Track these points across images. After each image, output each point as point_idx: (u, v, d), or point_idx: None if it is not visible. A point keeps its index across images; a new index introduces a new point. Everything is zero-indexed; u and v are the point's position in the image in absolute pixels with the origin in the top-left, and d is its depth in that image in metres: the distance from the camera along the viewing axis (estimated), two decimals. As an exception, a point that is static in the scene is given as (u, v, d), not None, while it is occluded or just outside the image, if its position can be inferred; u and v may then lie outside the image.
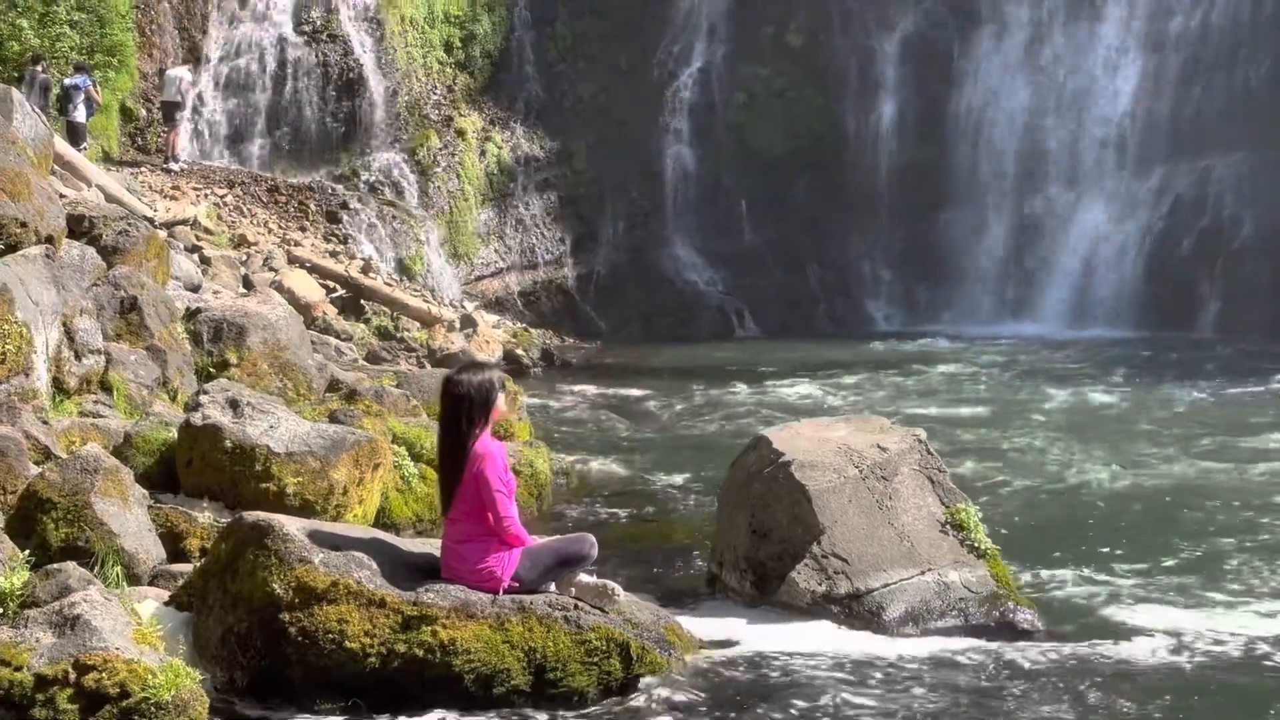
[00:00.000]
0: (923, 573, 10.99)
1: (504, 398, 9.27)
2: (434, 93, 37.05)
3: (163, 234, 20.48)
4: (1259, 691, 9.76)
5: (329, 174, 34.75)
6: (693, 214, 39.77)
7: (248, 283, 25.91)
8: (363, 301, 28.70)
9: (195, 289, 20.37)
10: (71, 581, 8.52)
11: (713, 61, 40.61)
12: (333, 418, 13.63)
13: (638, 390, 26.44)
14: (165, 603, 9.42)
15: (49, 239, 13.09)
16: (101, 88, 30.42)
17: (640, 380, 27.88)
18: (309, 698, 8.62)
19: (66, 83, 29.05)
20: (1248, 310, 35.07)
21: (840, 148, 40.23)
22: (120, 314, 14.17)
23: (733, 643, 10.34)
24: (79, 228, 14.91)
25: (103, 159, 30.52)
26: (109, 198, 22.70)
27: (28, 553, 9.19)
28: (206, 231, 28.51)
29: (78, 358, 12.94)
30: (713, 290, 38.94)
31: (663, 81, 40.35)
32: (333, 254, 30.62)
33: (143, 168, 31.53)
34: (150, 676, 7.67)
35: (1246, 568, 13.10)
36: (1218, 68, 37.57)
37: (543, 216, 38.04)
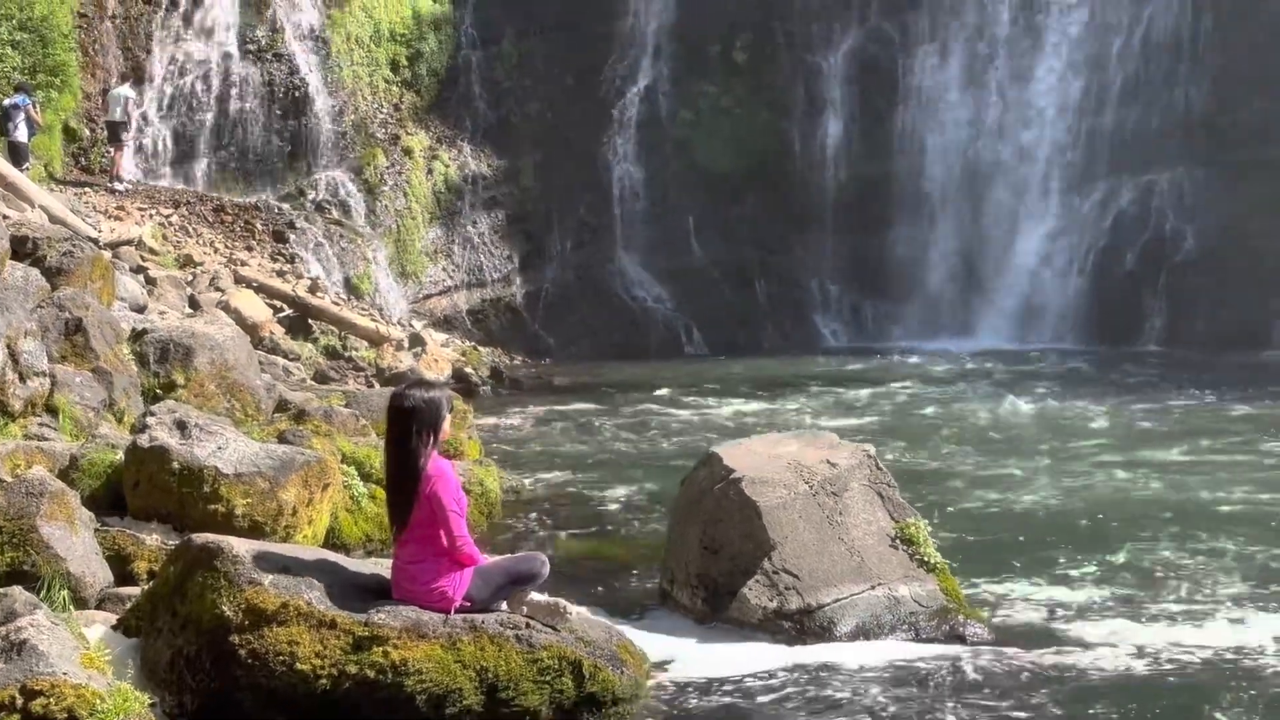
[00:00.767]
0: (873, 587, 11.05)
1: (451, 418, 9.24)
2: (380, 111, 36.96)
3: (107, 255, 20.36)
4: (1201, 698, 9.86)
5: (275, 193, 34.60)
6: (640, 231, 39.80)
7: (194, 303, 25.75)
8: (310, 321, 28.57)
9: (141, 310, 20.25)
10: (17, 606, 8.43)
11: (659, 79, 40.69)
12: (281, 438, 13.56)
13: (587, 407, 26.43)
14: (113, 626, 9.34)
15: (-8, 260, 12.99)
16: (44, 108, 30.21)
17: (589, 397, 27.87)
18: (259, 720, 8.57)
19: (6, 103, 28.84)
20: (1191, 323, 35.52)
21: (787, 165, 40.36)
22: (65, 336, 14.07)
23: (684, 660, 10.35)
24: (22, 249, 14.81)
25: (46, 179, 30.29)
26: (53, 219, 22.54)
27: (-27, 578, 9.11)
28: (152, 252, 28.32)
29: (22, 380, 12.83)
30: (661, 307, 38.97)
31: (609, 99, 40.38)
32: (280, 273, 30.48)
33: (87, 188, 31.32)
34: (98, 701, 7.60)
35: (1186, 577, 13.23)
36: (1158, 85, 37.99)
37: (490, 234, 37.98)
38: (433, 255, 36.60)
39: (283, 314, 28.38)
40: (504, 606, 9.18)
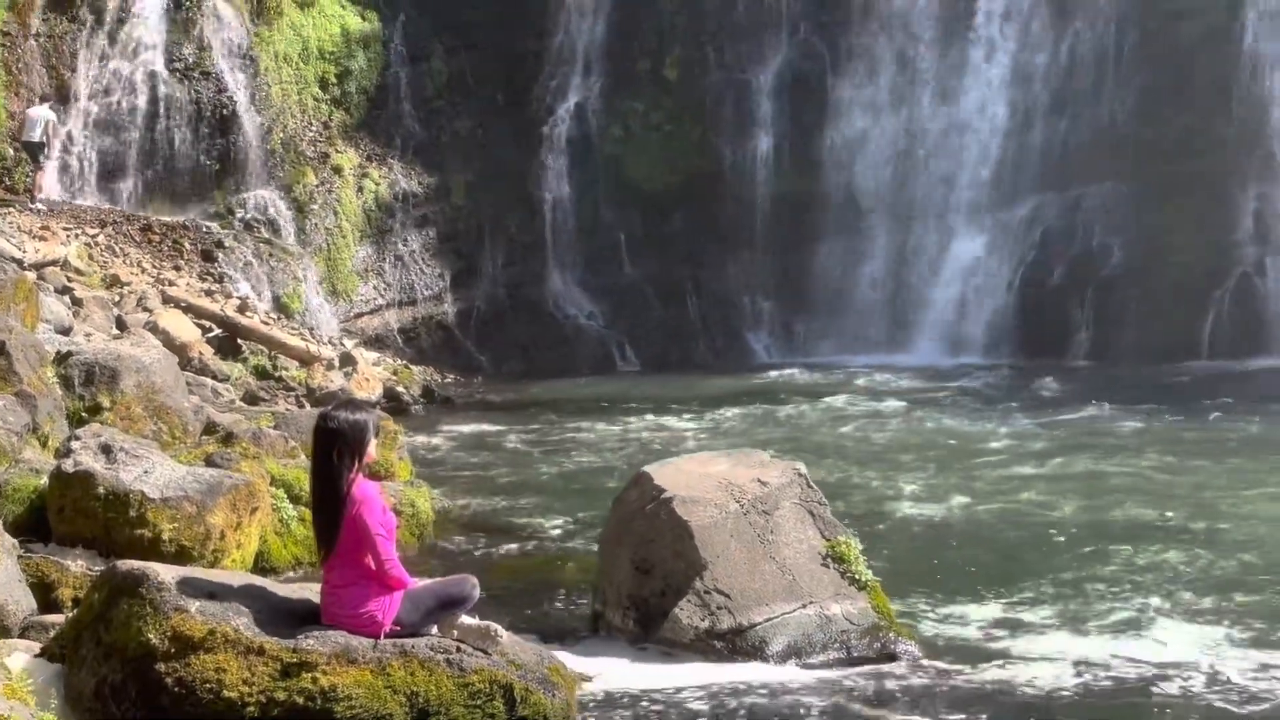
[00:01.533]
0: (804, 606, 11.07)
1: (375, 443, 9.18)
2: (310, 129, 36.77)
3: (32, 276, 20.14)
4: (1133, 712, 9.94)
5: (204, 212, 34.33)
6: (572, 248, 39.77)
7: (121, 324, 25.49)
8: (239, 341, 28.35)
9: (66, 332, 20.03)
10: (-62, 636, 8.31)
11: (589, 96, 40.72)
12: (209, 461, 13.46)
13: (520, 426, 26.37)
14: (36, 655, 9.20)
15: (-87, 284, 12.82)
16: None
17: (522, 416, 27.81)
18: (186, 750, 8.46)
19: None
20: (1118, 336, 35.87)
21: (717, 180, 40.44)
22: (-13, 359, 13.89)
23: (616, 681, 10.33)
24: (-56, 272, 14.61)
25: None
26: (-24, 239, 22.26)
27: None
28: (78, 272, 28.02)
29: (-56, 405, 12.66)
30: (593, 324, 38.95)
31: (540, 116, 40.36)
32: (208, 293, 30.24)
33: (10, 208, 30.94)
34: (21, 733, 7.50)
35: (1110, 592, 13.38)
36: (1084, 100, 38.37)
37: (422, 252, 37.85)
38: (363, 273, 36.42)
39: (211, 334, 28.15)
40: (434, 630, 9.12)
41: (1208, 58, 36.79)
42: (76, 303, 25.07)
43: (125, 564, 9.07)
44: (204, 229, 33.07)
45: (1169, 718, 9.84)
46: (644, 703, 9.94)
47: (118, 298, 27.54)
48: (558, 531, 16.49)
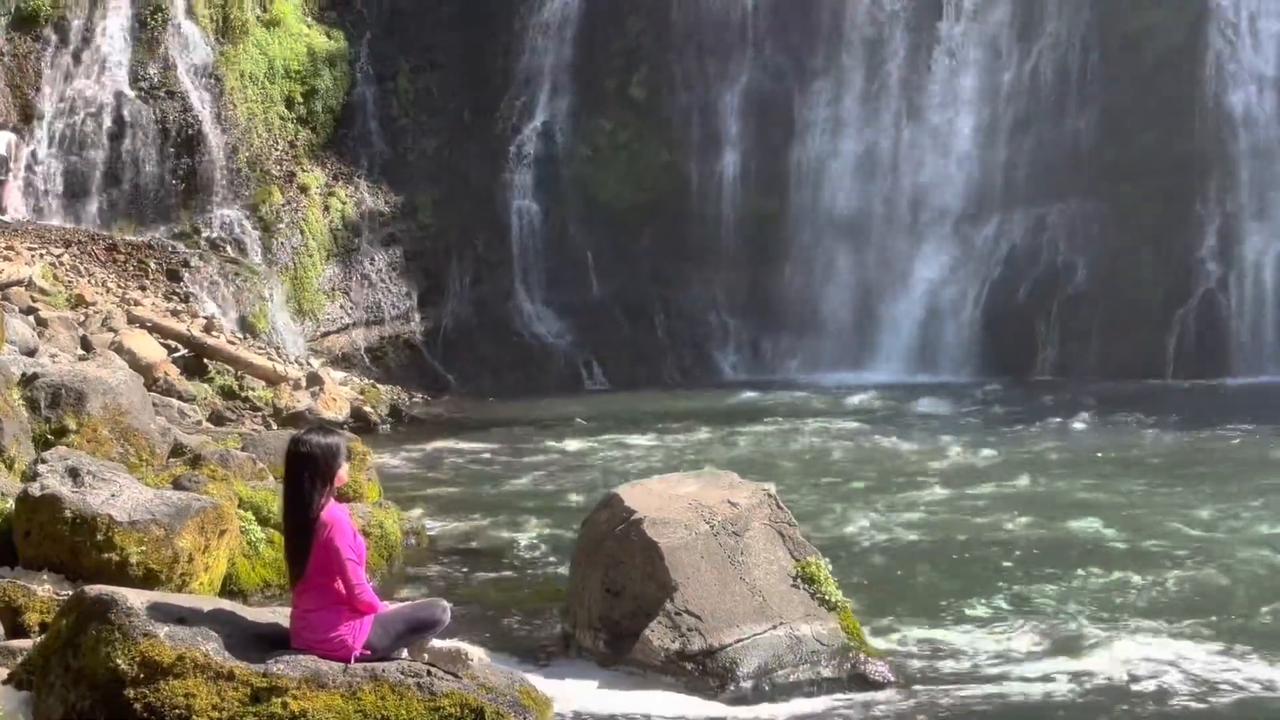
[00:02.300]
0: (775, 627, 11.08)
1: (347, 466, 9.17)
2: (275, 148, 36.67)
3: (-3, 297, 20.03)
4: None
5: (169, 231, 34.18)
6: (539, 266, 39.73)
7: (86, 344, 25.36)
8: (206, 361, 28.24)
9: (32, 353, 19.93)
10: (-96, 664, 8.26)
11: (556, 114, 40.73)
12: (177, 484, 13.40)
13: (488, 445, 26.33)
14: (4, 681, 9.16)
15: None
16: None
17: (490, 435, 27.76)
18: (156, 776, 8.42)
19: None
20: (1083, 353, 36.09)
21: (685, 199, 40.47)
22: (-47, 382, 13.81)
23: (587, 704, 10.32)
24: (-92, 294, 14.53)
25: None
26: (-60, 260, 22.14)
27: None
28: (42, 292, 27.88)
29: (-91, 428, 12.58)
30: (561, 342, 38.91)
31: (507, 135, 40.35)
32: (174, 313, 30.12)
33: (-25, 228, 30.79)
34: (-11, 761, 7.46)
35: (1073, 610, 13.45)
36: (1048, 119, 38.59)
37: (388, 271, 37.77)
38: (330, 293, 36.32)
39: (178, 354, 28.03)
40: (405, 654, 9.10)
41: (1170, 76, 37.07)
42: (41, 323, 24.94)
43: (94, 589, 9.03)
44: (169, 248, 32.94)
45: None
46: (615, 725, 9.95)
47: (83, 318, 27.40)
48: (528, 553, 16.47)
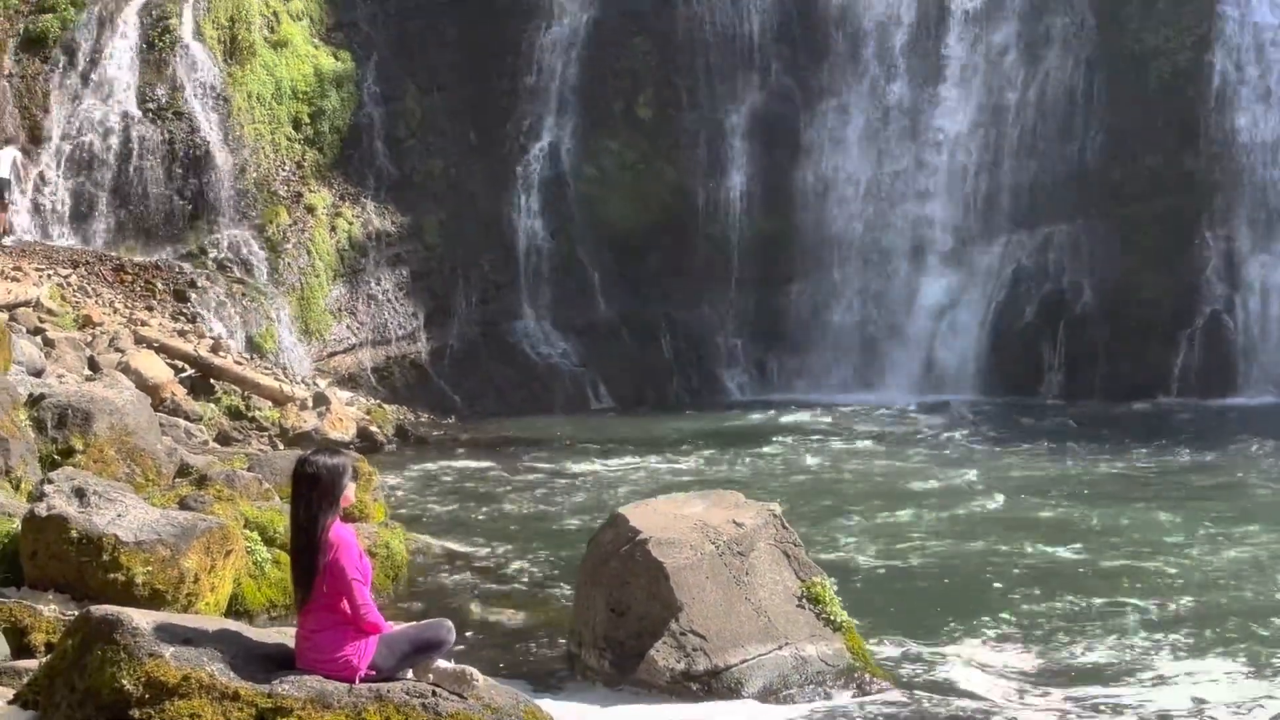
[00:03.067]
0: (780, 647, 11.07)
1: (353, 486, 9.17)
2: (283, 169, 36.76)
3: (4, 317, 20.09)
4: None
5: (176, 252, 34.23)
6: (546, 287, 39.79)
7: (93, 364, 25.40)
8: (213, 381, 28.26)
9: (39, 373, 19.96)
10: (-89, 684, 8.27)
11: (563, 135, 40.82)
12: (183, 504, 13.41)
13: (494, 465, 26.34)
14: (9, 701, 9.15)
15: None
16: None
17: (496, 455, 27.77)
18: (161, 796, 8.41)
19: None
20: (1089, 374, 36.10)
21: (691, 219, 40.55)
22: (-40, 402, 13.84)
23: (593, 724, 10.31)
24: (-84, 314, 14.57)
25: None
26: (-53, 280, 22.19)
27: None
28: (50, 313, 27.92)
29: (-84, 448, 12.61)
30: (567, 363, 38.94)
31: (513, 155, 40.42)
32: (181, 333, 30.15)
33: (-18, 248, 30.85)
34: (-5, 781, 7.46)
35: (1078, 630, 13.45)
36: (1054, 139, 38.66)
37: (395, 291, 37.82)
38: (337, 313, 36.37)
39: (184, 374, 28.05)
40: (410, 675, 9.09)
41: (1176, 98, 37.16)
42: (49, 344, 24.97)
43: (99, 609, 9.03)
44: (177, 269, 33.00)
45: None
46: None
47: (90, 338, 27.44)
48: (533, 572, 16.47)
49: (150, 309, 31.04)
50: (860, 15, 40.84)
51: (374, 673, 8.88)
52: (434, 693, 8.94)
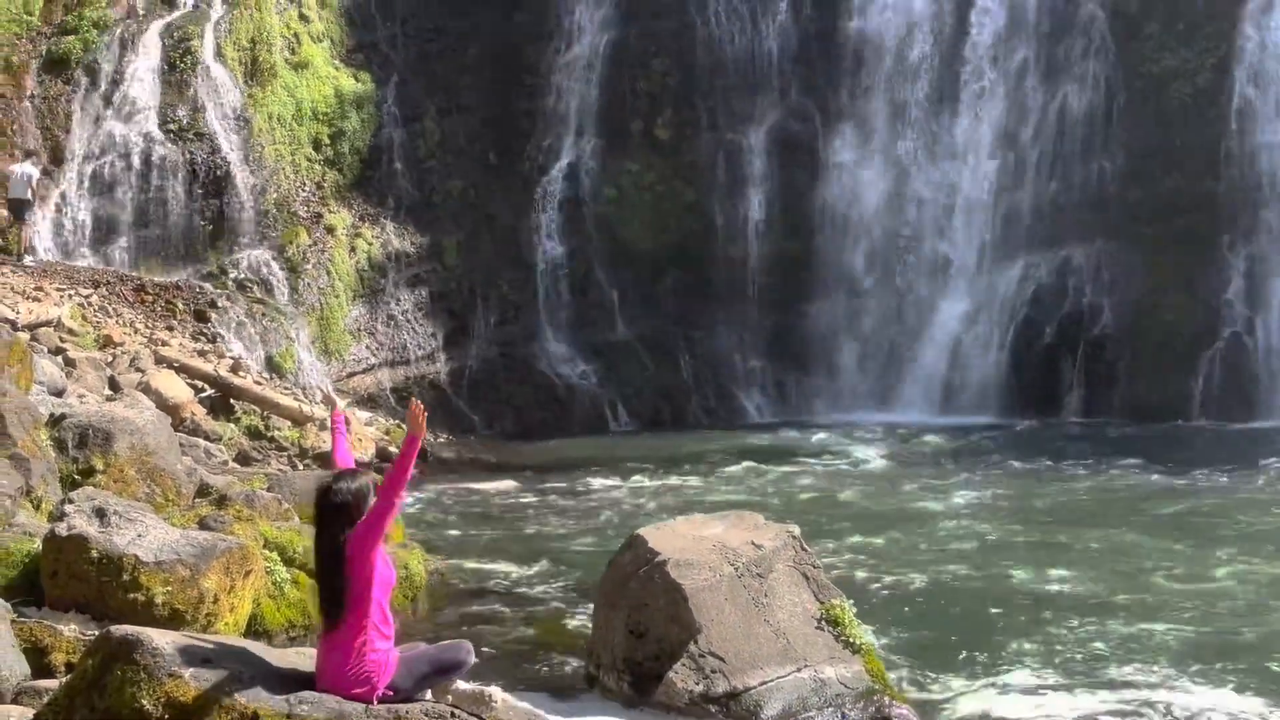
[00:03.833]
0: (799, 669, 11.04)
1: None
2: (303, 189, 36.89)
3: (25, 337, 20.17)
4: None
5: (197, 272, 34.35)
6: (564, 308, 39.86)
7: (114, 384, 25.47)
8: (232, 401, 28.31)
9: (60, 393, 20.02)
10: (-69, 703, 8.28)
11: (582, 156, 40.91)
12: (203, 524, 13.44)
13: (512, 486, 26.34)
14: (30, 721, 9.18)
15: (-92, 347, 12.84)
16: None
17: (514, 476, 27.77)
18: (180, 817, 8.42)
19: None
20: (1109, 395, 36.01)
21: (709, 240, 40.60)
22: (-18, 422, 13.89)
23: (611, 746, 10.30)
24: (-61, 335, 14.63)
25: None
26: (-30, 301, 22.28)
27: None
28: (71, 333, 28.01)
29: (-63, 468, 12.66)
30: (586, 383, 38.96)
31: (532, 176, 40.54)
32: (201, 353, 30.22)
33: (4, 268, 30.96)
34: (15, 801, 7.47)
35: (1099, 657, 13.38)
36: (1073, 160, 38.62)
37: (414, 312, 37.91)
38: (356, 333, 36.46)
39: (204, 394, 28.11)
40: (429, 696, 9.09)
41: (1196, 118, 37.11)
42: (70, 363, 25.05)
43: (119, 629, 9.04)
44: (197, 289, 33.09)
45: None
46: (638, 768, 9.92)
47: (111, 358, 27.52)
48: (552, 593, 16.46)
49: (170, 329, 31.12)
50: (879, 36, 40.89)
51: (392, 693, 8.89)
52: (453, 714, 8.93)
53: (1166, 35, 37.97)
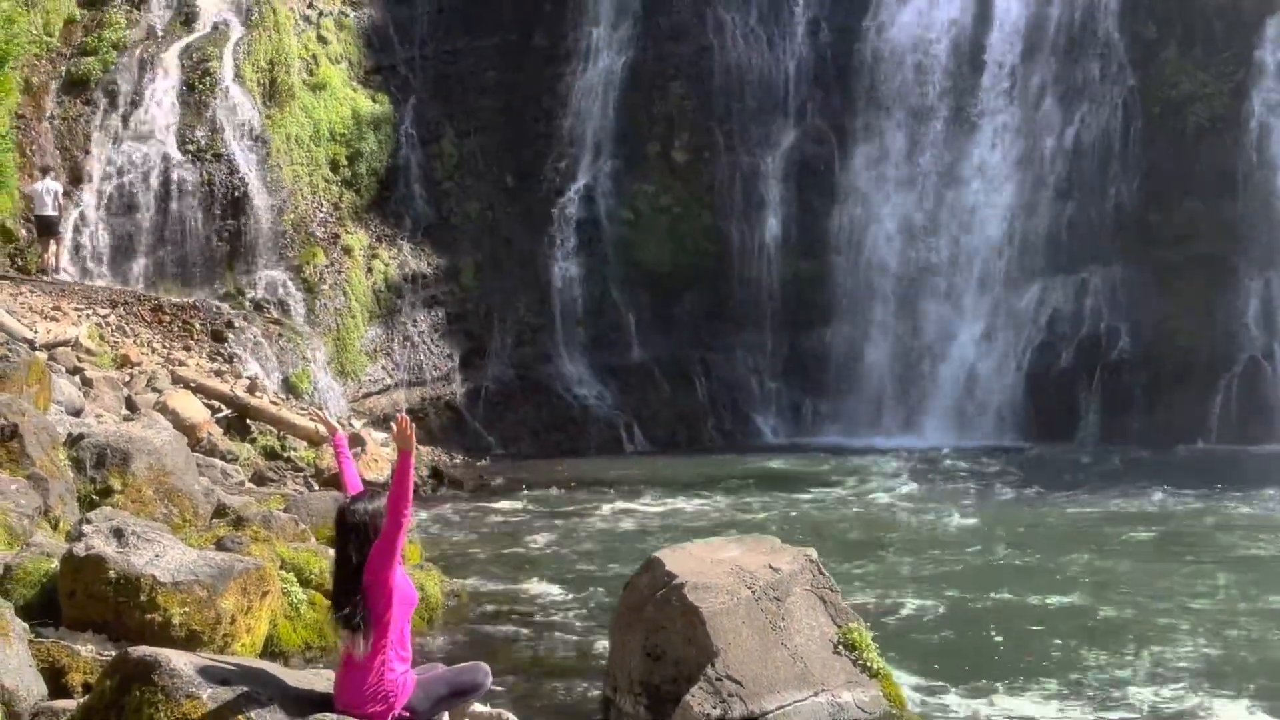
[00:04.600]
0: (816, 694, 11.01)
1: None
2: (320, 210, 36.97)
3: (43, 356, 20.22)
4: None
5: (214, 292, 34.42)
6: (580, 329, 39.89)
7: (131, 404, 25.51)
8: (249, 421, 28.34)
9: (77, 413, 20.06)
10: (-51, 723, 8.29)
11: (599, 178, 40.97)
12: (220, 545, 13.45)
13: (528, 508, 26.33)
14: (47, 742, 9.18)
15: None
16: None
17: (531, 497, 27.77)
18: (197, 838, 8.41)
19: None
20: (1126, 420, 35.91)
21: (726, 262, 40.63)
22: (0, 442, 13.91)
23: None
24: (-42, 355, 14.67)
25: (-19, 279, 30.06)
26: (-11, 321, 22.35)
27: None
28: (88, 352, 28.07)
29: (-44, 487, 12.68)
30: (602, 405, 38.96)
31: (549, 198, 40.60)
32: (218, 373, 30.27)
33: (23, 288, 31.05)
34: (32, 822, 7.46)
35: (1118, 682, 13.33)
36: (1090, 184, 38.58)
37: (430, 333, 37.96)
38: (372, 354, 36.50)
39: (221, 414, 28.15)
40: (445, 718, 9.09)
41: (1214, 142, 37.05)
42: (87, 383, 25.09)
43: (137, 650, 9.05)
44: (214, 309, 33.14)
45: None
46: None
47: (128, 378, 27.57)
48: (568, 616, 16.44)
49: (188, 349, 31.18)
50: (896, 59, 40.92)
51: (409, 715, 8.88)
52: (470, 737, 8.93)
53: (1184, 59, 37.93)
